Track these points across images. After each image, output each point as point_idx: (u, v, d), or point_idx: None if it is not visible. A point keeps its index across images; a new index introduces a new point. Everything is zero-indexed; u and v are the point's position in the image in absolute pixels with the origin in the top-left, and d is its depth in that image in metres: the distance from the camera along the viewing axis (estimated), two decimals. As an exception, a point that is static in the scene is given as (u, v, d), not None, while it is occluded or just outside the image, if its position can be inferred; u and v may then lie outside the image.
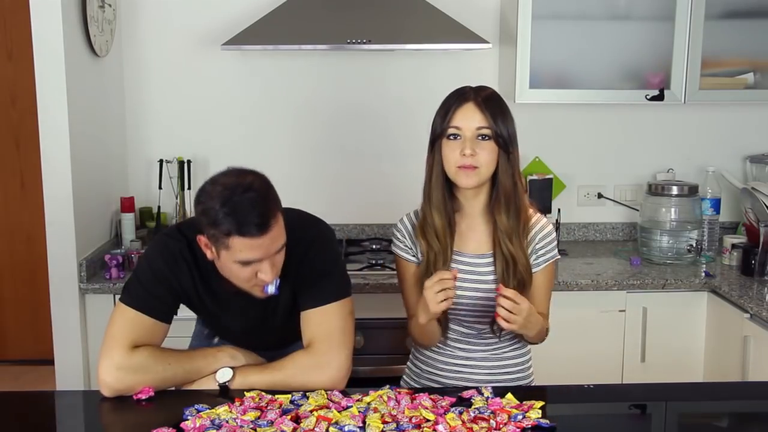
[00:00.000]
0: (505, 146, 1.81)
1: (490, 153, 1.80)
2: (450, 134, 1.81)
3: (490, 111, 1.80)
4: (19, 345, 4.09)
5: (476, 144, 1.79)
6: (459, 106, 1.81)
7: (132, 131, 3.25)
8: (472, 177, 1.80)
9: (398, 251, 1.96)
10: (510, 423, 1.56)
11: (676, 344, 2.84)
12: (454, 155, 1.79)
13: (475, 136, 1.79)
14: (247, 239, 1.65)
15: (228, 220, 1.65)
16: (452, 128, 1.80)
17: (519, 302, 1.73)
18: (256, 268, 1.71)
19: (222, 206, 1.66)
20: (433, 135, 1.85)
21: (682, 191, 3.07)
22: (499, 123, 1.80)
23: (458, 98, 1.83)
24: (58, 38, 2.59)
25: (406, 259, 1.94)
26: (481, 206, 1.88)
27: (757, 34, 3.08)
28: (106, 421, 1.75)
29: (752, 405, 1.84)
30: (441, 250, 1.85)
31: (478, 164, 1.79)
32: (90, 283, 2.72)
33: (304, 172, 3.28)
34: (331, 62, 3.25)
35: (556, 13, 3.01)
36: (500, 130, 1.80)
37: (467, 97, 1.82)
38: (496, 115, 1.80)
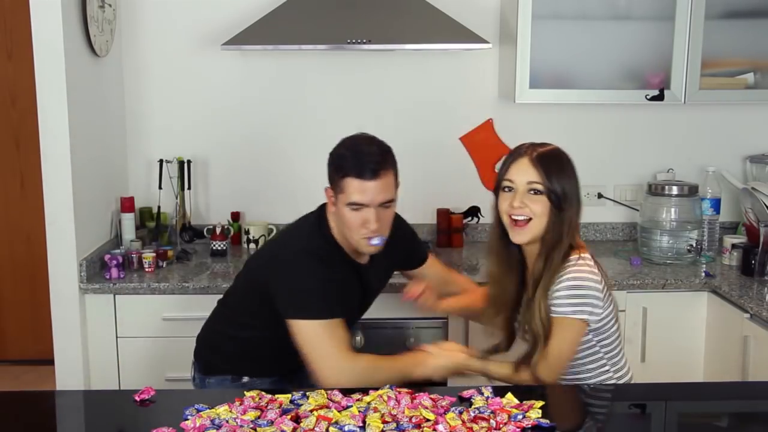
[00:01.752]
0: (557, 202, 1.85)
1: (540, 206, 1.85)
2: (504, 186, 1.90)
3: (544, 167, 1.86)
4: (19, 345, 4.09)
5: (526, 197, 1.86)
6: (514, 160, 1.89)
7: (132, 131, 3.25)
8: (523, 234, 1.87)
9: None
10: (510, 423, 1.56)
11: (676, 344, 2.84)
12: (505, 205, 1.89)
13: (527, 190, 1.86)
14: (357, 181, 1.92)
15: (347, 162, 1.95)
16: (506, 180, 1.89)
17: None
18: (365, 215, 1.94)
19: (346, 150, 1.99)
20: (495, 186, 1.96)
21: (682, 191, 3.07)
22: (552, 179, 1.85)
23: (515, 153, 1.91)
24: (58, 38, 2.59)
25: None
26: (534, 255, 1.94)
27: (757, 34, 3.08)
28: (106, 421, 1.75)
29: (752, 405, 1.84)
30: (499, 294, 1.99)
31: (528, 215, 1.85)
32: (90, 283, 2.72)
33: (304, 171, 3.27)
34: (331, 62, 3.25)
35: (556, 13, 3.01)
36: (553, 186, 1.85)
37: (523, 153, 1.89)
38: (550, 172, 1.86)
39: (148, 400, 1.73)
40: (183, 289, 2.72)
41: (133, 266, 2.86)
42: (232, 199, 3.28)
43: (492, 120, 3.30)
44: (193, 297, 2.70)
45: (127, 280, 2.75)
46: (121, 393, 2.12)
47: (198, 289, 2.71)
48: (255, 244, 3.22)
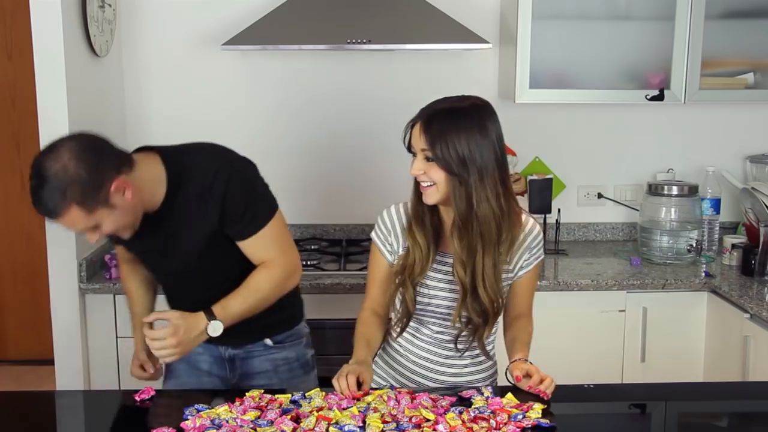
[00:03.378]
0: (449, 169, 1.71)
1: (438, 173, 1.73)
2: (410, 151, 1.79)
3: (430, 133, 1.72)
4: (19, 345, 4.09)
5: (425, 164, 1.74)
6: (412, 126, 1.77)
7: (132, 131, 3.25)
8: (430, 195, 1.76)
9: (375, 239, 1.92)
10: (510, 423, 1.57)
11: (676, 344, 2.84)
12: (411, 169, 1.78)
13: (423, 157, 1.74)
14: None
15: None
16: (410, 145, 1.78)
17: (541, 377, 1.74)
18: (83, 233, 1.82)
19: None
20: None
21: (682, 191, 3.07)
22: (439, 146, 1.70)
23: (414, 118, 1.78)
24: (58, 38, 2.59)
25: (380, 250, 1.91)
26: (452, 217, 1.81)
27: (757, 34, 3.08)
28: (106, 421, 1.75)
29: (752, 405, 1.84)
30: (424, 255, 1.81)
31: (430, 181, 1.74)
32: (90, 283, 2.72)
33: (304, 171, 3.28)
34: (331, 62, 3.25)
35: (556, 13, 3.01)
36: (441, 152, 1.70)
37: (418, 118, 1.77)
38: (436, 138, 1.71)
39: (148, 400, 1.73)
40: (183, 289, 2.72)
41: (133, 266, 2.86)
42: (232, 199, 3.27)
43: (492, 120, 3.29)
44: (193, 297, 2.70)
45: (127, 280, 2.75)
46: (121, 393, 2.12)
47: (198, 289, 2.70)
48: (255, 244, 3.22)
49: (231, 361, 2.12)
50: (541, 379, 1.72)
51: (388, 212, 1.90)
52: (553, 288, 2.78)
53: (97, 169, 1.74)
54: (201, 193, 1.88)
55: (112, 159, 1.79)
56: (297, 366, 2.15)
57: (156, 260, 2.06)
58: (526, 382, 1.73)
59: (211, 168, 1.90)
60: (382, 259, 1.91)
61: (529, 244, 1.88)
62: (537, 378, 1.72)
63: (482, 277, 1.77)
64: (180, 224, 1.90)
